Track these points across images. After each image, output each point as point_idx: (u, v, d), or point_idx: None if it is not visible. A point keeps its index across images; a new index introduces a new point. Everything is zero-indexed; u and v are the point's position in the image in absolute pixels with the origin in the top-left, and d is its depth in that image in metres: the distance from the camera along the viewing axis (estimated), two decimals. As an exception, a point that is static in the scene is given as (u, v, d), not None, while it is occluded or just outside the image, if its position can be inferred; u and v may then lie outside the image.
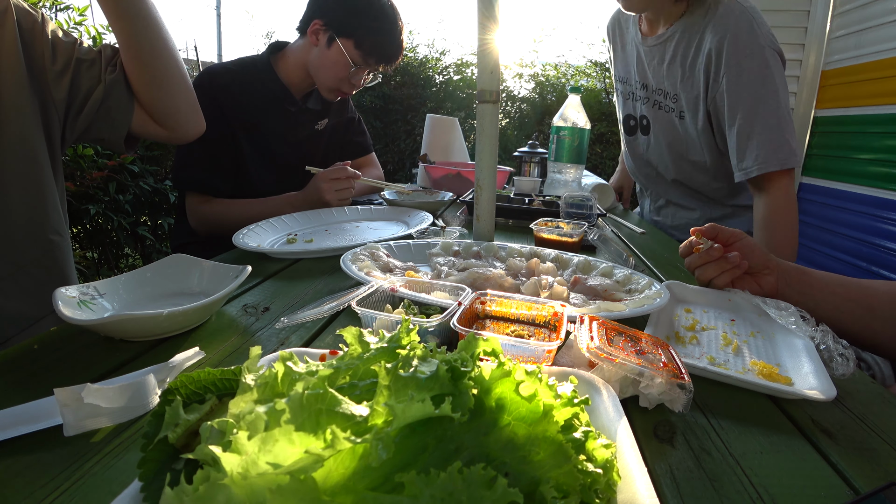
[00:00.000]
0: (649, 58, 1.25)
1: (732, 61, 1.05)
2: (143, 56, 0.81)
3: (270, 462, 0.21)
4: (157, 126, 0.89)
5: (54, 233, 0.82)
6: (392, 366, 0.27)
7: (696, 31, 1.13)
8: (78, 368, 0.50)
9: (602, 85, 5.88)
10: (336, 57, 1.24)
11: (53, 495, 0.33)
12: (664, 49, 1.20)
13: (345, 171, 1.24)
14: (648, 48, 1.24)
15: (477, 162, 0.95)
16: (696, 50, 1.12)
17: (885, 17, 2.08)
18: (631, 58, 1.33)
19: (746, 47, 1.04)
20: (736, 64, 1.05)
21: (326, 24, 1.24)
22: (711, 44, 1.08)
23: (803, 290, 0.72)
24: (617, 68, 1.44)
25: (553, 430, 0.28)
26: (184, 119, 0.91)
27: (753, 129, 1.06)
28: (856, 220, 2.20)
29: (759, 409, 0.49)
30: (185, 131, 0.93)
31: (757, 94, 1.05)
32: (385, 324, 0.53)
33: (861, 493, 0.38)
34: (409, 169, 4.72)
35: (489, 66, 0.89)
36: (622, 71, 1.40)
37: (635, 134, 1.40)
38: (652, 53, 1.24)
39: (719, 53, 1.06)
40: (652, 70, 1.25)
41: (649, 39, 1.24)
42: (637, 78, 1.32)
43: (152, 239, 2.54)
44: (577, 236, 1.01)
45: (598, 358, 0.45)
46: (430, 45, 6.50)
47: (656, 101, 1.27)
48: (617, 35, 1.40)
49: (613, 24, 1.41)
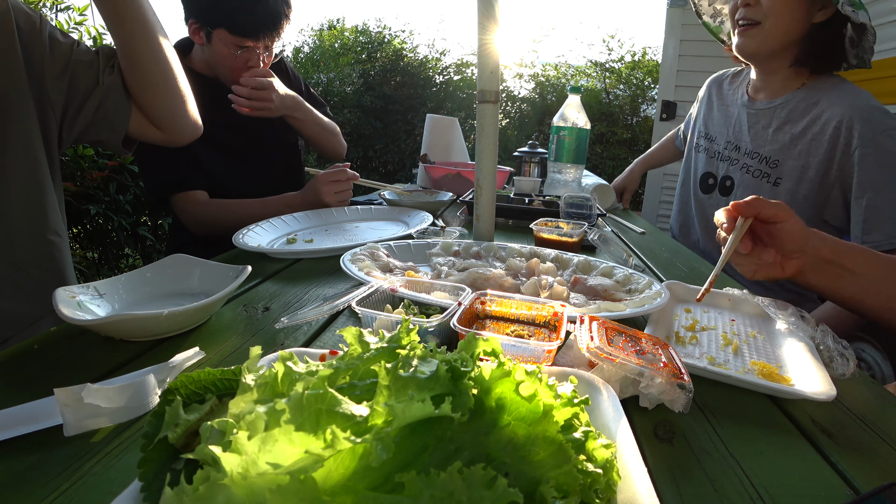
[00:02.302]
0: (753, 121, 1.23)
1: (867, 136, 1.03)
2: (140, 60, 0.81)
3: (270, 462, 0.21)
4: (153, 129, 0.89)
5: (53, 233, 0.82)
6: (392, 366, 0.27)
7: (813, 103, 1.12)
8: (78, 368, 0.50)
9: (602, 85, 5.88)
10: (220, 49, 1.22)
11: (53, 495, 0.33)
12: (772, 114, 1.19)
13: (344, 172, 1.25)
14: (755, 111, 1.23)
15: (477, 162, 0.95)
16: (814, 119, 1.10)
17: (886, 17, 2.08)
18: (730, 119, 1.31)
19: (882, 125, 1.03)
20: (871, 139, 1.03)
21: (198, 22, 1.22)
22: (840, 116, 1.06)
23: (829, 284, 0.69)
24: (702, 123, 1.42)
25: (553, 430, 0.28)
26: (181, 122, 0.91)
27: (884, 205, 1.02)
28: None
29: (759, 409, 0.49)
30: (182, 134, 0.93)
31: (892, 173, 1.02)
32: (385, 324, 0.53)
33: (861, 493, 0.37)
34: (409, 169, 4.72)
35: (489, 66, 0.89)
36: (712, 129, 1.38)
37: (711, 193, 1.35)
38: (758, 117, 1.22)
39: (850, 127, 1.05)
40: (753, 134, 1.23)
41: (758, 103, 1.23)
42: (730, 139, 1.29)
43: (152, 239, 2.54)
44: (577, 236, 1.01)
45: (598, 358, 0.45)
46: (430, 45, 6.50)
47: (746, 165, 1.24)
48: (714, 92, 1.40)
49: (715, 81, 1.42)
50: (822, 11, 1.06)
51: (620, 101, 5.77)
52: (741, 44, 1.13)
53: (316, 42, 6.75)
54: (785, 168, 1.16)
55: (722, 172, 1.31)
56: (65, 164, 2.16)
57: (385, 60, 6.12)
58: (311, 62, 6.38)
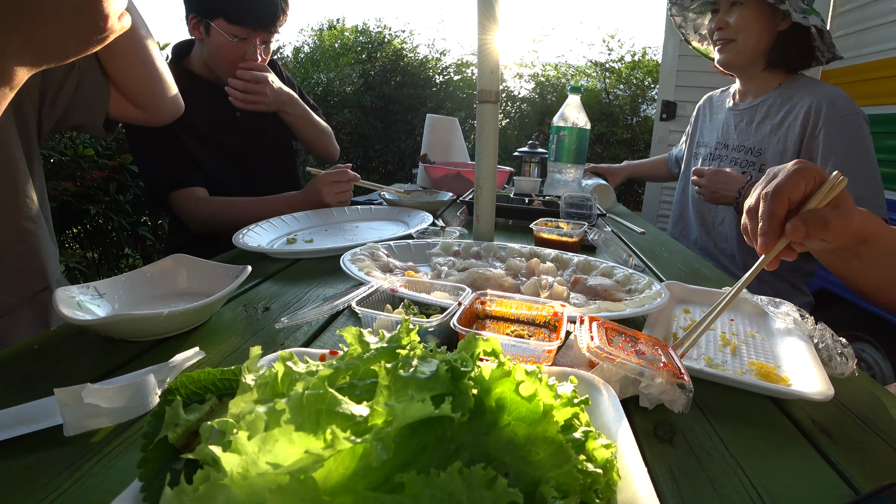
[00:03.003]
0: (738, 119, 1.39)
1: (831, 118, 1.17)
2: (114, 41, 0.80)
3: (270, 462, 0.21)
4: (135, 109, 0.88)
5: (28, 220, 0.80)
6: (392, 366, 0.27)
7: (788, 97, 1.27)
8: (78, 368, 0.50)
9: (602, 85, 5.88)
10: (218, 40, 1.23)
11: (53, 495, 0.33)
12: (754, 112, 1.34)
13: (346, 173, 1.25)
14: (739, 111, 1.39)
15: (477, 162, 0.95)
16: (789, 111, 1.25)
17: (885, 17, 2.08)
18: (719, 123, 1.47)
19: (845, 108, 1.17)
20: (834, 122, 1.17)
21: (197, 15, 1.23)
22: (809, 104, 1.20)
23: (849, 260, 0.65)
24: (698, 134, 1.58)
25: (553, 430, 0.28)
26: (162, 101, 0.90)
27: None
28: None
29: (759, 409, 0.49)
30: (165, 112, 0.92)
31: (851, 151, 1.15)
32: (385, 324, 0.53)
33: (861, 493, 0.37)
34: (410, 169, 4.72)
35: (489, 66, 0.89)
36: (706, 136, 1.54)
37: None
38: (741, 116, 1.38)
39: (818, 112, 1.18)
40: (739, 131, 1.38)
41: (741, 105, 1.39)
42: (720, 139, 1.45)
43: (152, 239, 2.54)
44: (577, 236, 1.01)
45: (598, 358, 0.45)
46: (430, 45, 6.49)
47: (734, 158, 1.38)
48: (707, 106, 1.59)
49: (707, 98, 1.60)
50: (785, 21, 1.22)
51: (620, 101, 5.77)
52: (721, 59, 1.33)
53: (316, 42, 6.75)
54: (767, 155, 1.29)
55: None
56: (65, 165, 2.16)
57: (385, 60, 6.12)
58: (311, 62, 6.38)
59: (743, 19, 1.24)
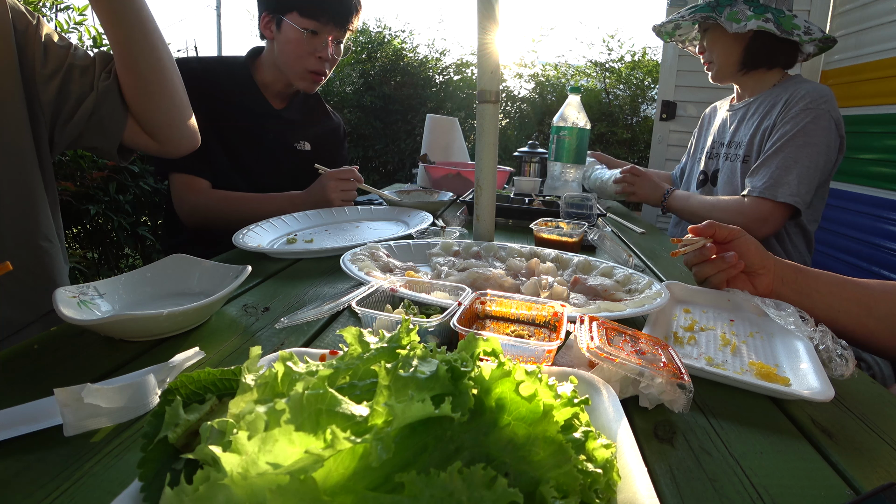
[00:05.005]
0: (733, 118, 1.50)
1: (791, 107, 1.29)
2: (137, 66, 0.79)
3: (270, 462, 0.21)
4: (147, 138, 0.86)
5: (44, 239, 0.81)
6: (392, 366, 0.27)
7: (778, 95, 1.36)
8: (78, 368, 0.50)
9: (602, 85, 5.88)
10: (289, 35, 1.22)
11: (53, 495, 0.33)
12: (747, 109, 1.45)
13: (353, 172, 1.25)
14: (734, 111, 1.51)
15: (477, 162, 0.95)
16: (773, 105, 1.35)
17: (885, 17, 2.08)
18: (717, 125, 1.59)
19: (809, 101, 1.26)
20: (790, 110, 1.28)
21: (270, 12, 1.24)
22: (787, 97, 1.31)
23: (800, 290, 0.72)
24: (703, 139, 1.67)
25: (553, 430, 0.28)
26: (177, 133, 0.89)
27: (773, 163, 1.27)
28: (856, 220, 2.20)
29: (760, 409, 0.49)
30: (178, 145, 0.91)
31: (790, 139, 1.26)
32: (385, 324, 0.53)
33: (861, 493, 0.38)
34: (410, 169, 4.72)
35: (489, 66, 0.89)
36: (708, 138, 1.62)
37: (704, 186, 1.58)
38: (735, 114, 1.49)
39: (787, 102, 1.30)
40: (733, 129, 1.49)
41: (736, 105, 1.52)
42: (717, 138, 1.56)
43: (152, 239, 2.54)
44: (577, 236, 1.01)
45: (598, 358, 0.45)
46: (430, 45, 6.49)
47: (726, 154, 1.49)
48: (709, 113, 1.70)
49: (710, 110, 1.71)
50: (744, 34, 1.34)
51: (620, 101, 5.77)
52: (710, 76, 1.50)
53: (316, 42, 6.73)
54: (752, 147, 1.38)
55: (712, 167, 1.55)
56: (65, 164, 2.16)
57: (385, 60, 6.12)
58: (311, 62, 6.37)
59: (712, 41, 1.42)
